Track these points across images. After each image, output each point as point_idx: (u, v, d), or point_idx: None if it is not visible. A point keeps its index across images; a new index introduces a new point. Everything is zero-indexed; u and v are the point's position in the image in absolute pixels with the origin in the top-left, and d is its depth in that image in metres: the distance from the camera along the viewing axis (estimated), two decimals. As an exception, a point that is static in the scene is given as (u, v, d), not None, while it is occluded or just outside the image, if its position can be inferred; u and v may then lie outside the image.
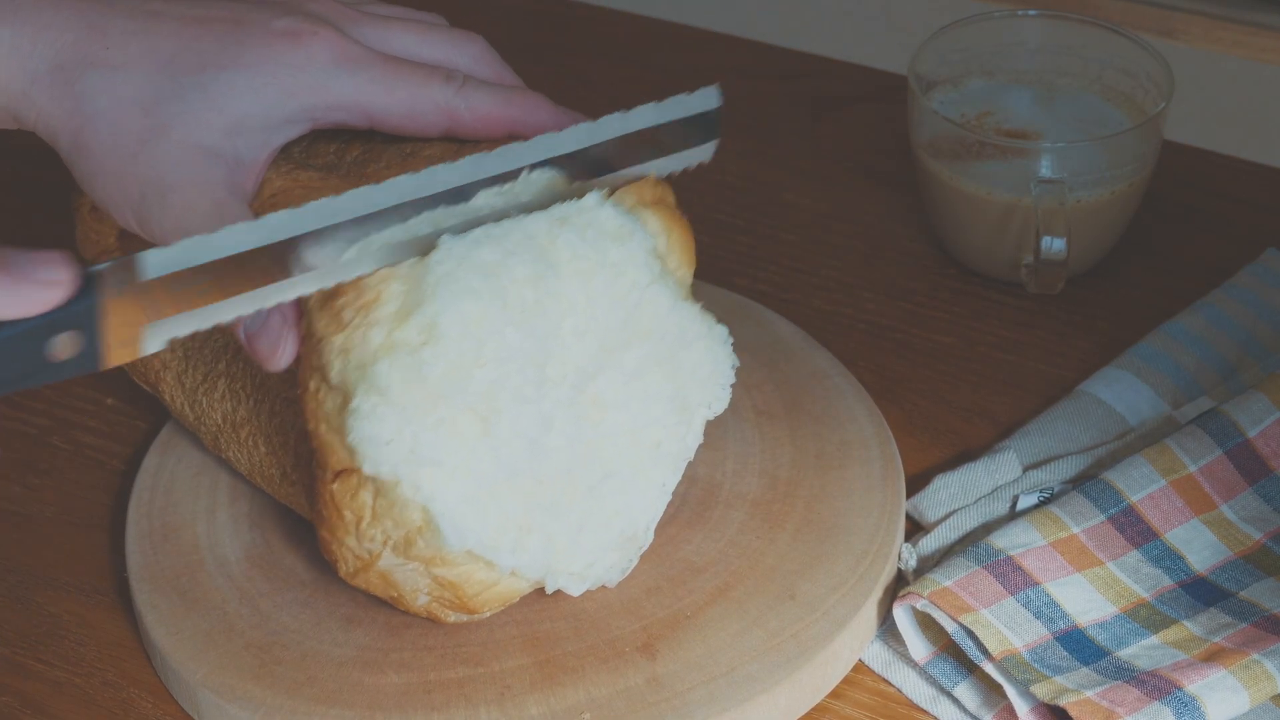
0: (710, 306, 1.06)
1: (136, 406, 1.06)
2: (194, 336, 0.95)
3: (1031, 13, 1.14)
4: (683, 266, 0.90)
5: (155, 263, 0.78)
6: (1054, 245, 1.06)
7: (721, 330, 0.90)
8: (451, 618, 0.88)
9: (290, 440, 0.92)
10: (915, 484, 0.99)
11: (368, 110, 0.87)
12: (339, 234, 0.81)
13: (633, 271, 0.86)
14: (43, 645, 0.95)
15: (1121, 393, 1.02)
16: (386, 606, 0.91)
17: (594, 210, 0.85)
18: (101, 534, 1.00)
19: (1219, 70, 1.58)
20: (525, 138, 0.86)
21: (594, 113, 0.88)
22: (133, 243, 0.97)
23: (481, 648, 0.90)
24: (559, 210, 0.84)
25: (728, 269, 1.14)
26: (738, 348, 1.04)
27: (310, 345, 0.83)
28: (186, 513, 0.97)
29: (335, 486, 0.84)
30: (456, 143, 0.89)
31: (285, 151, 0.90)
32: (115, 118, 0.85)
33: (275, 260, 0.80)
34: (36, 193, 1.17)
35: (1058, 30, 1.14)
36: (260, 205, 0.87)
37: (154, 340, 0.79)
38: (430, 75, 0.88)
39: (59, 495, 1.02)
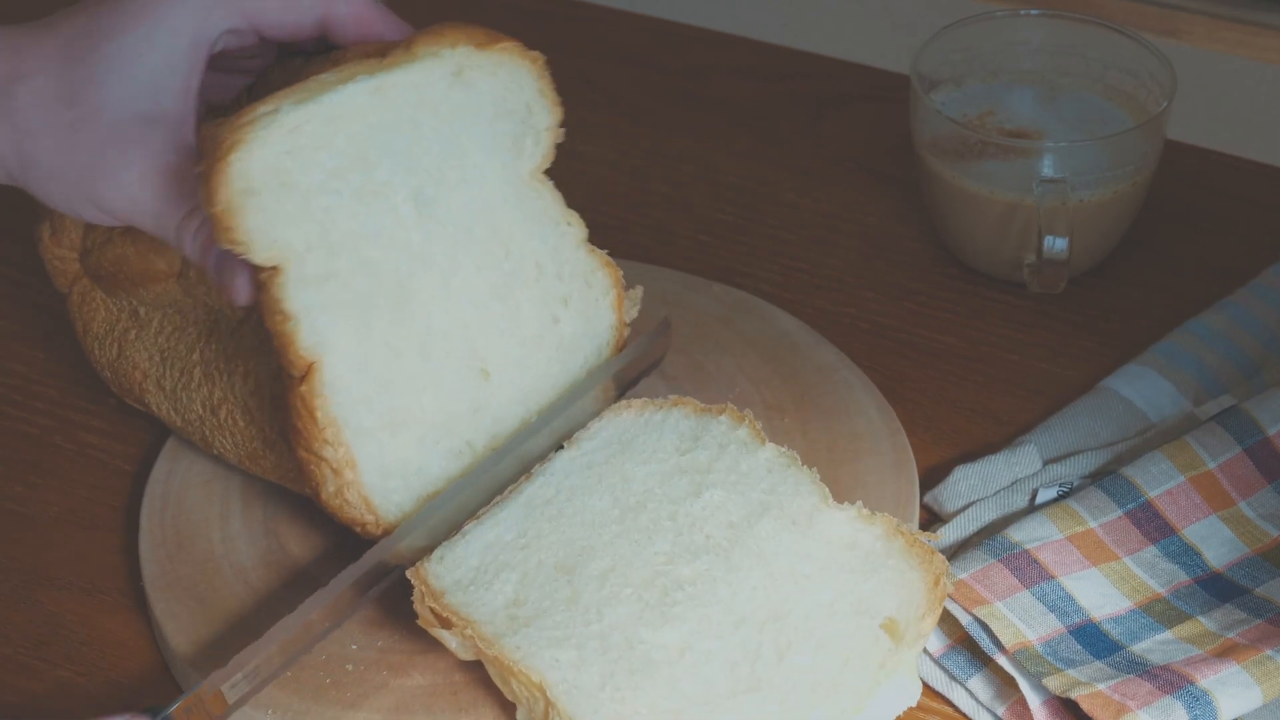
0: (715, 303, 1.07)
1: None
2: (169, 338, 0.97)
3: (1034, 12, 1.14)
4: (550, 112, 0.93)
5: (230, 689, 0.84)
6: (1056, 245, 1.06)
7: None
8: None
9: (265, 397, 0.93)
10: (922, 482, 0.99)
11: (249, 14, 0.89)
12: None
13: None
14: (46, 645, 0.95)
15: (1143, 389, 1.02)
16: (409, 610, 0.90)
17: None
18: (105, 534, 1.00)
19: (1221, 70, 1.58)
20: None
21: (595, 113, 0.88)
22: (96, 260, 0.99)
23: None
24: None
25: (729, 268, 1.13)
26: (743, 344, 1.05)
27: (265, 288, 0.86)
28: (200, 519, 0.97)
29: (304, 388, 0.86)
30: None
31: None
32: (46, 120, 0.87)
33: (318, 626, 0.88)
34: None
35: (1060, 30, 1.14)
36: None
37: None
38: None
39: (62, 495, 1.02)
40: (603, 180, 1.21)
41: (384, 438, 0.89)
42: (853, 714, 0.84)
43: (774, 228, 1.17)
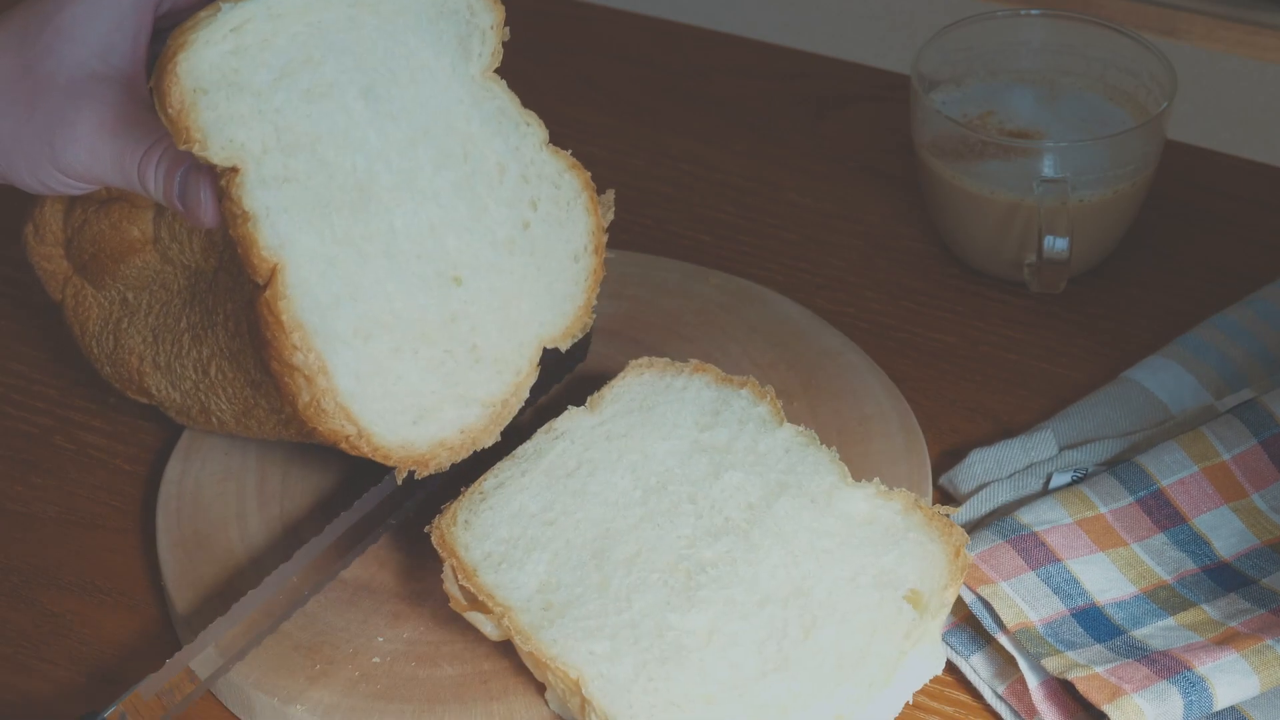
0: (716, 291, 1.08)
1: (138, 404, 1.06)
2: (158, 315, 0.98)
3: (1034, 12, 1.14)
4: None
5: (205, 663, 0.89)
6: (1056, 245, 1.06)
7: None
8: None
9: (244, 336, 0.94)
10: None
11: None
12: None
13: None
14: (46, 644, 0.95)
15: (1165, 381, 1.03)
16: (433, 601, 0.91)
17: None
18: (104, 534, 1.00)
19: (1221, 69, 1.58)
20: None
21: (595, 113, 0.88)
22: (78, 247, 1.00)
23: None
24: None
25: (730, 268, 1.14)
26: (747, 330, 1.05)
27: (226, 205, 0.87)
28: (217, 518, 0.98)
29: (267, 294, 0.86)
30: None
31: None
32: (7, 95, 0.90)
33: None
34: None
35: (1060, 30, 1.14)
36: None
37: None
38: None
39: (62, 495, 1.02)
40: (603, 180, 1.20)
41: (357, 344, 0.89)
42: (881, 685, 0.85)
43: (775, 227, 1.17)
